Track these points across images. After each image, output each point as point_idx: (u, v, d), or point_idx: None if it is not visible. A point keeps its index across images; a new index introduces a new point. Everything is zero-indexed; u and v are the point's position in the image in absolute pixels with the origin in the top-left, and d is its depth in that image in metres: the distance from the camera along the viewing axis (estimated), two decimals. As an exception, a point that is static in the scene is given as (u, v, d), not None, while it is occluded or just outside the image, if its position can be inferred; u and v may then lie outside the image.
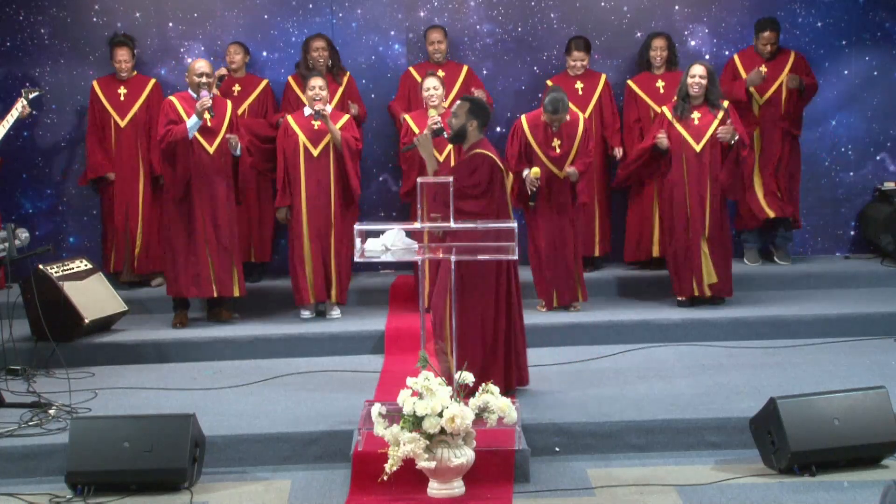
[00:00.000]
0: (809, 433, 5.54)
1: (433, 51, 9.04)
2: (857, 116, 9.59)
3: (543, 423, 6.01)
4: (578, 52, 9.02)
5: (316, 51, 8.82)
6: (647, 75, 9.15)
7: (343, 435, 5.93)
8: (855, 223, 9.64)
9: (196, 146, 7.87)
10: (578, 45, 9.04)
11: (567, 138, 8.03)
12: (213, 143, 7.90)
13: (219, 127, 7.93)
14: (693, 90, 7.98)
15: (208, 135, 7.89)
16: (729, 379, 6.82)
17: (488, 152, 6.40)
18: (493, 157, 6.39)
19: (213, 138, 7.91)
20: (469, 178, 6.32)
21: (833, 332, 7.80)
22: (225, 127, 7.94)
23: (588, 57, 9.09)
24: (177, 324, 8.08)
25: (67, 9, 9.42)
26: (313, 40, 8.90)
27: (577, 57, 9.02)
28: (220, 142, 7.91)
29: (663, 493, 5.41)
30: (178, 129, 7.78)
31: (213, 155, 7.89)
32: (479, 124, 6.43)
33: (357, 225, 5.90)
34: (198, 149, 7.87)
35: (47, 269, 7.72)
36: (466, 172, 6.34)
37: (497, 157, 6.43)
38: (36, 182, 9.52)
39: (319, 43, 8.86)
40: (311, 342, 7.78)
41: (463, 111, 6.42)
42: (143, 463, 5.51)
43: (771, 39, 8.99)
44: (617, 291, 8.77)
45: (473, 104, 6.46)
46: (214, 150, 7.90)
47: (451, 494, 5.39)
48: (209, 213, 7.92)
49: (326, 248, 8.08)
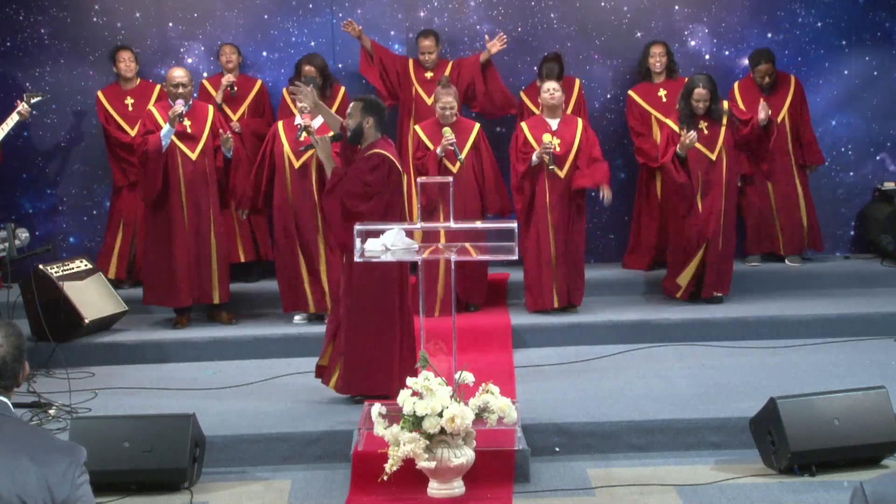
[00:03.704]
0: (809, 433, 5.54)
1: (424, 59, 9.05)
2: (857, 116, 9.58)
3: (543, 423, 6.01)
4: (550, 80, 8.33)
5: (305, 75, 8.47)
6: (646, 85, 9.13)
7: (343, 435, 5.93)
8: (855, 223, 9.64)
9: (178, 154, 7.86)
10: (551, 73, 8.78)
11: (566, 138, 8.03)
12: (196, 149, 7.91)
13: (200, 132, 7.93)
14: (699, 111, 8.04)
15: (189, 141, 7.90)
16: (729, 379, 6.82)
17: (386, 152, 6.30)
18: (392, 157, 6.30)
19: (194, 144, 7.91)
20: (365, 176, 6.20)
21: (833, 332, 7.79)
22: (206, 132, 7.94)
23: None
24: (177, 324, 8.08)
25: (67, 9, 9.42)
26: (304, 64, 8.65)
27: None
28: (202, 147, 7.91)
29: (663, 493, 5.41)
30: (152, 139, 7.78)
31: (196, 160, 7.90)
32: (376, 122, 6.33)
33: (357, 225, 5.91)
34: (180, 156, 7.86)
35: (47, 269, 7.72)
36: (364, 171, 6.23)
37: (395, 157, 6.34)
38: (36, 182, 9.52)
39: (309, 69, 8.55)
40: (311, 342, 7.75)
41: (357, 110, 6.31)
42: (143, 463, 5.52)
43: (768, 71, 8.95)
44: (617, 291, 8.77)
45: (367, 102, 6.35)
46: (197, 156, 7.90)
47: (451, 494, 5.39)
48: (192, 220, 7.92)
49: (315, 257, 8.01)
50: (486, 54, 8.99)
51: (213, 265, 8.01)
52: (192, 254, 7.93)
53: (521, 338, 7.79)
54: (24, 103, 8.38)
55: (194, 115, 7.95)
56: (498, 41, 8.96)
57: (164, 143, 7.78)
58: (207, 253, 7.98)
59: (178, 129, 7.83)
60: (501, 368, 7.07)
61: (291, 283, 8.03)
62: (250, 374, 7.27)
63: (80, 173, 9.46)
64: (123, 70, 8.96)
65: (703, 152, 8.08)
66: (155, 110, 7.96)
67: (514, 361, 7.36)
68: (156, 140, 7.77)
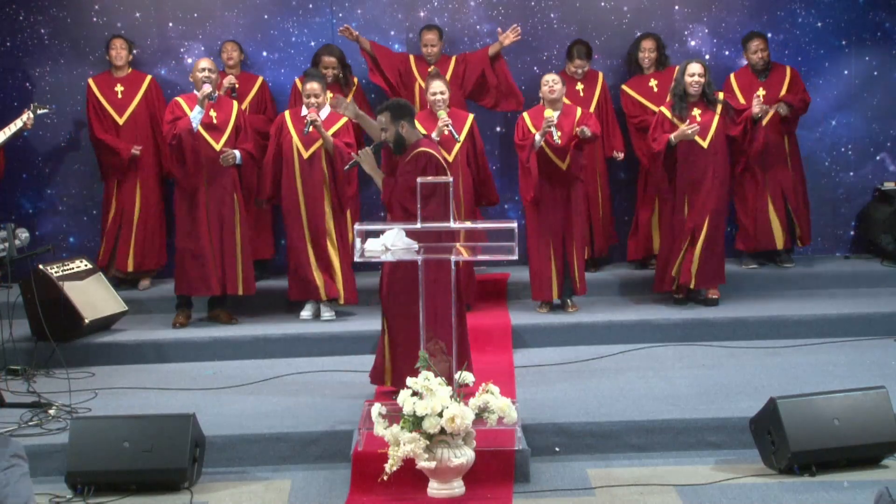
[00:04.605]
0: (809, 433, 5.54)
1: (427, 53, 9.05)
2: (857, 116, 9.58)
3: (543, 423, 6.01)
4: (581, 59, 9.02)
5: (326, 68, 8.78)
6: (638, 77, 9.15)
7: (343, 435, 5.93)
8: (855, 223, 9.64)
9: (202, 143, 7.92)
10: (581, 53, 9.03)
11: (567, 129, 8.02)
12: (220, 140, 7.97)
13: (225, 124, 8.00)
14: (693, 89, 7.99)
15: (214, 132, 7.97)
16: (729, 379, 6.82)
17: (429, 149, 6.31)
18: (434, 152, 6.30)
19: (219, 135, 7.98)
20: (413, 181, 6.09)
21: (833, 332, 7.79)
22: (231, 125, 8.01)
23: (589, 63, 9.09)
24: (177, 324, 8.08)
25: (67, 9, 9.42)
26: (323, 55, 8.86)
27: (579, 64, 9.03)
28: (226, 139, 7.98)
29: (663, 493, 5.41)
30: (182, 123, 7.86)
31: (220, 151, 7.95)
32: (409, 122, 6.32)
33: (357, 225, 5.91)
34: (204, 146, 7.93)
35: (47, 269, 7.72)
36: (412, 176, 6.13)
37: (437, 151, 6.33)
38: (36, 182, 9.52)
39: (329, 60, 8.81)
40: (311, 342, 7.79)
41: (388, 121, 6.28)
42: (143, 463, 5.52)
43: (760, 46, 8.94)
44: (617, 291, 8.77)
45: (392, 109, 6.31)
46: (220, 147, 7.96)
47: (451, 494, 5.39)
48: (215, 210, 7.97)
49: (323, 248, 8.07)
50: (498, 46, 8.99)
51: (238, 255, 8.03)
52: (216, 243, 7.96)
53: (521, 338, 7.79)
54: (29, 112, 8.45)
55: (220, 107, 8.01)
56: (511, 33, 8.95)
57: (194, 125, 7.86)
58: (232, 243, 8.01)
59: (204, 121, 7.90)
60: (501, 368, 7.07)
61: (300, 272, 8.07)
62: (250, 374, 7.27)
63: (80, 173, 9.46)
64: (114, 57, 8.98)
65: (696, 139, 8.03)
66: (182, 101, 8.01)
67: (514, 361, 7.36)
68: (186, 122, 7.86)
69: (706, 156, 8.04)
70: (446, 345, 5.85)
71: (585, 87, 9.07)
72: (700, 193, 8.04)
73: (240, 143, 8.05)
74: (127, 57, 9.04)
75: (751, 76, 9.06)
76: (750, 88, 8.93)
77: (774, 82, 9.01)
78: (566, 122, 8.05)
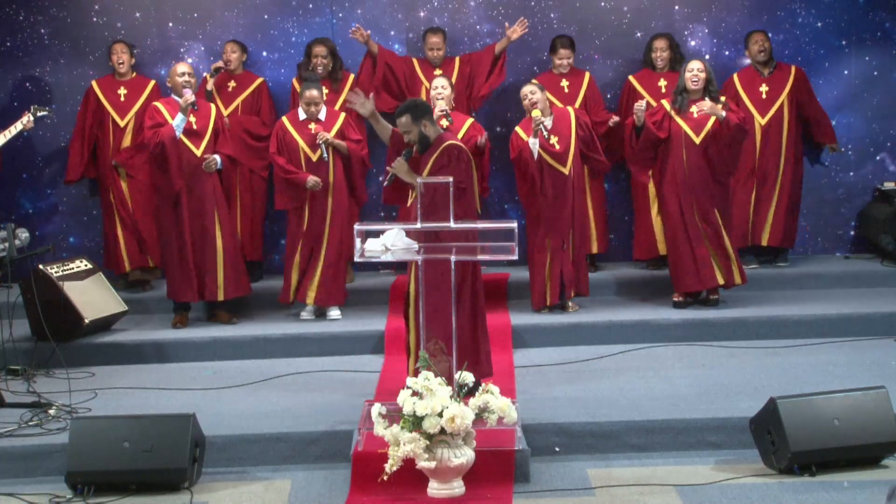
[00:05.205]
0: (809, 433, 5.54)
1: (432, 56, 9.04)
2: (857, 116, 9.58)
3: (543, 423, 6.01)
4: (564, 49, 8.99)
5: (316, 57, 8.82)
6: (648, 72, 9.13)
7: (343, 435, 5.93)
8: (855, 223, 9.64)
9: (183, 149, 7.93)
10: (564, 43, 9.01)
11: (563, 134, 8.03)
12: (200, 146, 7.98)
13: (204, 129, 8.02)
14: (692, 84, 7.99)
15: (194, 137, 7.98)
16: (729, 379, 6.82)
17: (454, 141, 6.34)
18: (458, 142, 6.34)
19: (199, 141, 7.99)
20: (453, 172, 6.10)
21: (833, 332, 7.79)
22: (210, 129, 8.02)
23: (573, 54, 9.06)
24: (177, 324, 8.09)
25: (67, 9, 9.42)
26: (315, 45, 8.90)
27: (563, 55, 8.98)
28: (206, 144, 7.99)
29: (663, 493, 5.41)
30: (164, 130, 7.85)
31: (201, 157, 7.95)
32: (429, 119, 6.32)
33: (357, 225, 5.91)
34: (185, 151, 7.93)
35: (47, 269, 7.72)
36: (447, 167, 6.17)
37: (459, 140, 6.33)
38: (36, 182, 9.52)
39: (320, 49, 8.85)
40: (311, 342, 7.79)
41: (409, 123, 6.27)
42: (143, 463, 5.52)
43: (761, 38, 8.96)
44: (617, 291, 8.77)
45: (410, 110, 6.29)
46: (202, 153, 7.96)
47: (451, 494, 5.39)
48: (196, 216, 7.97)
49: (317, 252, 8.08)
50: (505, 42, 8.98)
51: (219, 261, 8.02)
52: (198, 250, 7.96)
53: (521, 338, 7.79)
54: (29, 115, 8.45)
55: (199, 113, 8.03)
56: (519, 26, 8.94)
57: (177, 133, 7.87)
58: (213, 249, 8.00)
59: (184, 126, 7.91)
60: (501, 369, 7.06)
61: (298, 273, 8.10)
62: (250, 374, 7.27)
63: (80, 173, 9.46)
64: (116, 63, 8.98)
65: (689, 134, 8.04)
66: (161, 105, 8.00)
67: (514, 361, 7.36)
68: (169, 129, 7.85)
69: (698, 151, 8.02)
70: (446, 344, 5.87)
71: (570, 84, 9.04)
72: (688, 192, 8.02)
73: (219, 147, 8.08)
74: (129, 61, 9.04)
75: (753, 73, 9.06)
76: (752, 86, 8.94)
77: (777, 80, 9.01)
78: (562, 127, 8.05)
